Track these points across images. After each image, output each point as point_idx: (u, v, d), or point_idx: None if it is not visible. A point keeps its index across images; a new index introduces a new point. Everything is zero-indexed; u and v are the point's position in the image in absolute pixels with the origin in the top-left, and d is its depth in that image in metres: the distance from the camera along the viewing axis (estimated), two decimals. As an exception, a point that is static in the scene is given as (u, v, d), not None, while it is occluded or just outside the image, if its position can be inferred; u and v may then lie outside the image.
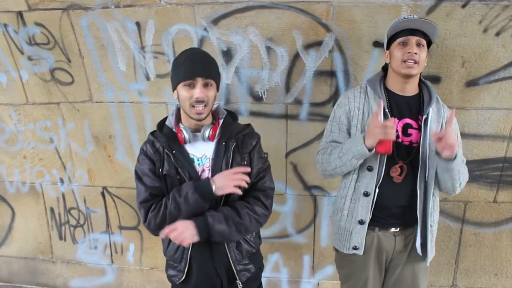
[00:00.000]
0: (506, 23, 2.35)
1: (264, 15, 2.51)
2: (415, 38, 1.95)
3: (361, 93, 2.11)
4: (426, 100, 2.04)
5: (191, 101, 1.75)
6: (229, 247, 1.88)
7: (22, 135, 3.16)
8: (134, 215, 3.17)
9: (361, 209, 2.07)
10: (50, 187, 3.27)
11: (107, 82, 2.85)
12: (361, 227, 2.09)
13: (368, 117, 2.04)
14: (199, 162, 1.85)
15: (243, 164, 1.85)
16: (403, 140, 2.04)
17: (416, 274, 2.15)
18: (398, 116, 2.04)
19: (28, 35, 2.80)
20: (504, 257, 2.85)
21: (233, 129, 1.90)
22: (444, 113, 2.07)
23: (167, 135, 1.87)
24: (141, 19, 2.64)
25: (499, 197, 2.72)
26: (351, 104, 2.10)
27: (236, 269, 1.91)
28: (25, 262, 3.53)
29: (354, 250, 2.13)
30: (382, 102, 1.96)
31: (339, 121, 2.12)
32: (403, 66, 1.95)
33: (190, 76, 1.74)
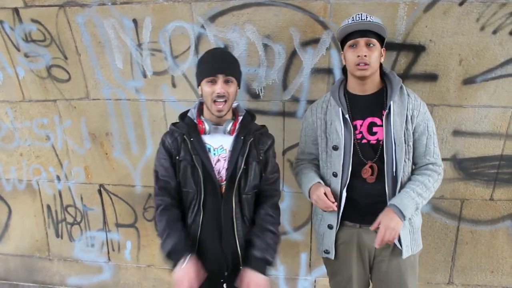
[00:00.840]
0: (503, 21, 2.35)
1: (261, 12, 2.51)
2: (364, 40, 1.96)
3: (324, 103, 2.18)
4: (388, 94, 2.04)
5: (213, 96, 1.91)
6: (238, 233, 2.00)
7: (18, 133, 3.15)
8: (131, 213, 3.17)
9: (329, 214, 2.13)
10: (46, 185, 3.27)
11: (104, 79, 2.84)
12: (330, 232, 2.14)
13: (331, 125, 2.09)
14: (215, 152, 2.01)
15: (259, 159, 2.04)
16: (369, 140, 2.04)
17: (403, 269, 2.11)
18: (361, 117, 2.06)
19: (24, 32, 2.79)
20: (500, 255, 2.85)
21: (251, 126, 2.07)
22: (410, 104, 2.02)
23: (188, 124, 2.03)
24: (138, 16, 2.63)
25: (495, 195, 2.73)
26: (314, 116, 2.19)
27: (241, 255, 2.01)
28: (22, 259, 3.52)
29: (325, 254, 2.18)
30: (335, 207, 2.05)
31: (305, 133, 2.26)
32: (356, 69, 1.98)
33: (212, 73, 1.91)
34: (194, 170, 1.97)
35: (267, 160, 2.08)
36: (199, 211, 1.99)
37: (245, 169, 2.00)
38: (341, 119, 2.04)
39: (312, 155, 2.27)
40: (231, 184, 1.97)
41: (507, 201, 2.73)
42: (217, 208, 1.98)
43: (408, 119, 2.02)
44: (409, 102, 2.03)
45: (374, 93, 2.08)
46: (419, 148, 2.07)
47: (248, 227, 2.05)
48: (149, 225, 3.16)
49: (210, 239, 2.00)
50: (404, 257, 2.06)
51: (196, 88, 2.06)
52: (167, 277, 3.22)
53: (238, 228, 2.00)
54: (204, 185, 1.96)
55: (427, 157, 2.07)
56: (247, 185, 2.01)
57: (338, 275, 2.25)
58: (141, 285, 3.36)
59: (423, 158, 2.08)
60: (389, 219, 1.95)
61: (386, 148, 2.01)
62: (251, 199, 2.06)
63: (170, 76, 2.75)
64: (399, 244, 2.05)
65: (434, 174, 2.05)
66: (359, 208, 2.07)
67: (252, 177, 2.02)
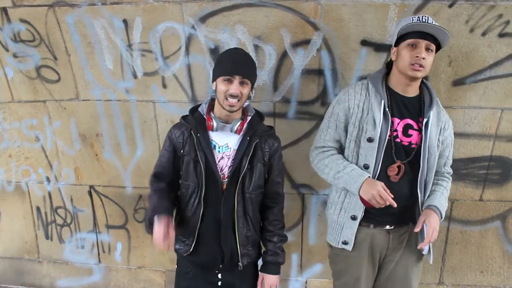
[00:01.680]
0: (492, 23, 2.37)
1: (252, 13, 2.51)
2: (425, 42, 1.95)
3: (362, 90, 2.10)
4: (427, 102, 2.06)
5: (226, 94, 1.95)
6: (239, 230, 2.06)
7: (7, 134, 3.12)
8: (121, 214, 3.15)
9: (354, 205, 2.10)
10: (36, 186, 3.24)
11: (94, 80, 2.82)
12: (353, 223, 2.11)
13: (368, 115, 2.04)
14: (220, 149, 2.05)
15: (264, 160, 2.09)
16: (402, 140, 2.05)
17: (409, 272, 2.17)
18: (399, 116, 2.05)
19: (13, 32, 2.76)
20: (489, 255, 2.87)
21: (259, 127, 2.10)
22: (443, 117, 2.11)
23: (197, 119, 2.07)
24: (128, 17, 2.62)
25: (485, 196, 2.75)
26: (351, 101, 2.09)
27: (241, 252, 2.08)
28: (11, 262, 3.49)
29: (343, 244, 2.14)
30: None
31: (337, 118, 2.13)
32: (410, 68, 1.96)
33: (230, 73, 1.95)
34: (197, 165, 2.03)
35: (272, 163, 2.13)
36: (199, 205, 2.04)
37: (250, 169, 2.05)
38: (382, 111, 2.01)
39: (339, 143, 2.17)
40: (234, 182, 2.02)
41: (497, 201, 2.76)
42: (217, 204, 2.03)
43: (441, 132, 2.09)
44: (443, 115, 2.11)
45: (414, 97, 2.09)
46: (442, 158, 2.16)
47: (252, 226, 2.11)
48: (139, 227, 3.14)
49: (209, 233, 2.06)
50: (431, 262, 2.16)
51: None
52: (158, 278, 3.22)
53: (239, 225, 2.06)
54: (206, 180, 2.01)
55: (446, 167, 2.21)
56: (252, 184, 2.06)
57: (345, 275, 2.23)
58: (132, 287, 3.34)
59: (443, 167, 2.20)
60: (433, 219, 1.99)
61: (423, 154, 2.03)
62: (255, 198, 2.11)
63: (160, 76, 2.73)
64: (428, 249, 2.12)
65: (450, 182, 2.22)
66: (379, 209, 2.02)
67: (256, 178, 2.07)
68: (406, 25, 1.96)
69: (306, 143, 2.72)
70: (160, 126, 2.84)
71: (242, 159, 2.02)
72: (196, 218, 2.05)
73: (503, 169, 2.69)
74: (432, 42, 1.96)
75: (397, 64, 2.04)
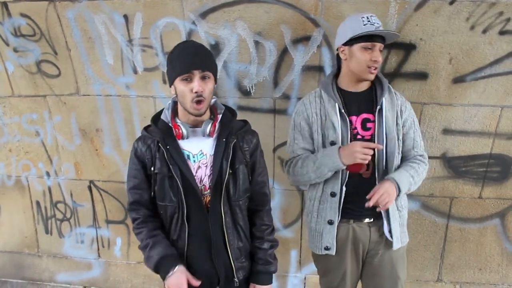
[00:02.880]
0: (493, 21, 2.36)
1: (252, 9, 2.50)
2: (379, 45, 2.00)
3: (316, 98, 2.15)
4: (379, 91, 2.09)
5: (192, 96, 1.69)
6: (230, 244, 1.87)
7: (7, 128, 3.13)
8: (121, 209, 3.16)
9: (329, 210, 2.12)
10: (36, 181, 3.24)
11: (94, 75, 2.82)
12: (331, 227, 2.13)
13: (326, 120, 2.07)
14: (195, 158, 1.82)
15: (246, 161, 1.87)
16: (363, 135, 2.07)
17: (394, 261, 2.18)
18: (356, 113, 2.08)
19: (13, 26, 2.76)
20: (488, 252, 2.88)
21: (233, 125, 1.87)
22: (398, 101, 2.12)
23: (162, 129, 1.82)
24: (128, 12, 2.62)
25: (484, 193, 2.75)
26: (308, 110, 2.14)
27: (235, 267, 1.90)
28: (11, 256, 3.50)
29: (326, 250, 2.16)
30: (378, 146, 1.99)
31: (300, 128, 2.16)
32: (367, 71, 2.00)
33: (187, 69, 1.69)
34: (173, 181, 1.79)
35: (254, 161, 1.92)
36: (183, 226, 1.82)
37: (232, 174, 1.83)
38: (338, 113, 2.05)
39: (308, 152, 2.16)
40: (217, 192, 1.81)
41: (496, 199, 2.76)
42: (203, 220, 1.82)
43: (398, 115, 2.09)
44: (397, 99, 2.12)
45: (365, 90, 2.12)
46: (407, 141, 2.14)
47: (244, 235, 1.93)
48: (139, 222, 3.14)
49: (199, 254, 1.87)
50: (395, 248, 2.12)
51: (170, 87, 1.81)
52: (157, 274, 3.22)
53: (229, 238, 1.86)
54: (186, 197, 1.79)
55: (415, 150, 2.16)
56: (237, 190, 1.85)
57: (331, 273, 2.24)
58: (131, 282, 3.35)
59: (411, 150, 2.16)
60: (386, 184, 1.98)
61: (377, 140, 2.04)
62: (243, 205, 1.90)
63: (161, 72, 2.73)
64: (390, 236, 2.10)
65: (422, 163, 2.14)
66: (355, 204, 2.09)
67: (241, 182, 1.85)
68: (360, 27, 1.96)
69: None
70: (160, 121, 2.84)
71: (222, 164, 1.79)
72: (182, 241, 1.85)
73: (502, 167, 2.68)
74: (383, 43, 2.02)
75: (349, 64, 2.06)
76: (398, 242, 2.13)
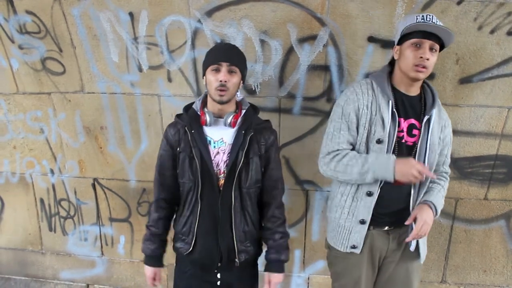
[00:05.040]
0: (501, 21, 2.35)
1: (258, 8, 2.49)
2: (429, 42, 1.89)
3: (369, 90, 2.03)
4: (429, 101, 2.02)
5: (216, 85, 1.90)
6: (236, 227, 2.03)
7: (12, 125, 3.13)
8: (125, 207, 3.16)
9: (363, 209, 2.05)
10: (40, 178, 3.24)
11: (99, 73, 2.81)
12: (362, 227, 2.08)
13: (376, 115, 1.98)
14: (215, 144, 2.01)
15: (260, 153, 2.04)
16: (407, 141, 2.02)
17: (410, 272, 2.14)
18: (404, 116, 2.01)
19: (19, 24, 2.76)
20: (493, 254, 2.87)
21: (253, 120, 2.06)
22: (444, 115, 2.10)
23: (191, 116, 2.03)
24: (134, 10, 2.61)
25: (489, 195, 2.74)
26: (360, 101, 2.01)
27: (238, 249, 2.05)
28: (14, 253, 3.51)
29: (352, 249, 2.11)
30: None
31: (349, 119, 2.03)
32: (413, 69, 1.91)
33: (216, 60, 1.92)
34: (192, 162, 1.99)
35: (269, 156, 2.08)
36: (196, 202, 2.02)
37: (246, 163, 2.00)
38: (390, 112, 1.97)
39: (352, 146, 2.06)
40: (231, 177, 1.99)
41: (501, 200, 2.74)
42: (214, 200, 2.00)
43: (442, 129, 2.08)
44: (443, 114, 2.10)
45: (416, 96, 2.05)
46: (440, 157, 2.14)
47: (251, 221, 2.09)
48: (143, 220, 3.14)
49: (207, 231, 2.04)
50: (422, 261, 2.13)
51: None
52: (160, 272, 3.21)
53: (236, 221, 2.03)
54: (202, 177, 1.98)
55: (444, 166, 2.19)
56: (248, 179, 2.02)
57: (345, 277, 2.20)
58: (134, 280, 3.35)
59: (441, 166, 2.17)
60: (426, 213, 1.97)
61: (419, 152, 2.00)
62: (253, 193, 2.07)
63: (166, 70, 2.73)
64: (417, 251, 2.10)
65: (447, 182, 2.20)
66: (383, 208, 2.04)
67: (253, 172, 2.03)
68: (410, 24, 1.90)
69: (311, 139, 2.71)
70: (165, 120, 2.83)
71: (238, 153, 1.97)
72: (194, 215, 2.04)
73: (508, 168, 2.67)
74: (436, 42, 1.91)
75: (399, 63, 1.99)
76: (424, 255, 2.15)
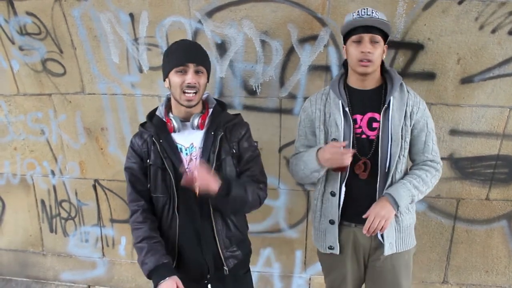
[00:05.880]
0: (502, 21, 2.34)
1: (259, 8, 2.49)
2: (369, 36, 1.91)
3: (323, 95, 2.13)
4: (388, 90, 2.02)
5: (183, 86, 1.79)
6: (218, 234, 1.92)
7: (12, 127, 3.13)
8: (125, 208, 3.15)
9: (330, 209, 2.10)
10: (41, 179, 3.24)
11: (100, 74, 2.81)
12: (332, 227, 2.11)
13: (330, 117, 2.05)
14: (187, 151, 1.90)
15: (232, 152, 1.92)
16: (369, 135, 2.02)
17: (396, 269, 2.11)
18: (361, 112, 2.03)
19: (19, 25, 2.76)
20: (495, 254, 2.86)
21: (222, 118, 1.94)
22: (410, 101, 2.02)
23: (156, 124, 1.92)
24: (134, 10, 2.61)
25: (491, 195, 2.73)
26: (313, 106, 2.13)
27: (224, 256, 1.95)
28: (15, 254, 3.51)
29: (330, 249, 2.15)
30: (344, 143, 1.94)
31: (304, 125, 2.17)
32: (358, 64, 1.94)
33: (183, 62, 1.80)
34: (165, 173, 1.87)
35: (241, 151, 1.96)
36: (174, 216, 1.90)
37: (219, 165, 1.88)
38: (341, 112, 2.01)
39: None
40: None
41: (503, 201, 2.73)
42: (192, 211, 1.90)
43: (407, 115, 2.01)
44: (409, 99, 2.02)
45: (374, 88, 2.05)
46: (417, 145, 2.06)
47: (233, 226, 1.98)
48: (144, 221, 3.14)
49: (189, 243, 1.93)
50: (385, 254, 2.05)
51: (163, 81, 1.92)
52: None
53: (218, 228, 1.92)
54: (177, 189, 1.85)
55: (426, 154, 2.06)
56: None
57: (333, 273, 2.25)
58: (135, 281, 3.35)
59: (421, 155, 2.07)
60: (380, 206, 1.94)
61: (382, 143, 1.99)
62: None
63: (166, 71, 2.72)
64: (382, 239, 2.05)
65: (432, 170, 2.05)
66: (354, 206, 2.06)
67: (227, 174, 1.90)
68: (347, 22, 1.95)
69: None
70: (165, 120, 2.83)
71: (209, 157, 1.86)
72: (173, 231, 1.91)
73: (510, 168, 2.66)
74: (378, 34, 1.92)
75: (348, 62, 2.04)
76: (392, 248, 2.05)
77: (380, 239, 2.06)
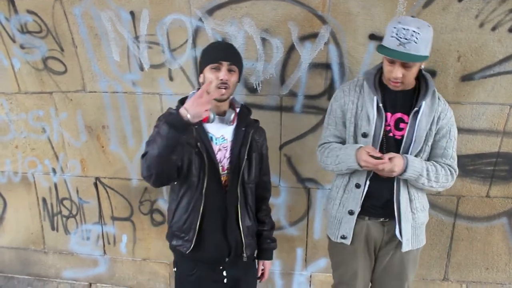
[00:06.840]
0: (502, 18, 2.34)
1: (259, 6, 2.49)
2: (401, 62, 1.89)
3: (357, 87, 2.13)
4: (421, 93, 2.03)
5: (217, 83, 1.90)
6: (243, 222, 2.06)
7: (14, 125, 3.13)
8: (127, 206, 3.16)
9: (351, 200, 2.13)
10: (42, 178, 3.25)
11: (101, 72, 2.82)
12: (350, 218, 2.14)
13: (362, 111, 2.07)
14: (217, 141, 2.01)
15: (260, 152, 2.12)
16: (395, 134, 2.05)
17: (405, 262, 2.18)
18: (391, 111, 2.06)
19: (20, 23, 2.76)
20: (495, 251, 2.86)
21: (249, 119, 2.10)
22: (439, 107, 2.05)
23: None
24: (135, 9, 2.61)
25: (491, 192, 2.73)
26: (346, 97, 2.13)
27: (245, 243, 2.07)
28: (17, 252, 3.51)
29: (342, 239, 2.18)
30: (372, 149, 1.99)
31: (335, 115, 2.17)
32: (389, 82, 1.99)
33: (217, 59, 1.92)
34: (198, 156, 1.94)
35: (262, 153, 2.15)
36: (200, 199, 1.96)
37: (248, 160, 2.04)
38: (375, 107, 2.02)
39: (340, 139, 2.20)
40: (235, 174, 2.01)
41: (503, 198, 2.74)
42: (220, 197, 2.00)
43: (434, 121, 2.04)
44: (439, 105, 2.06)
45: (408, 90, 2.06)
46: (436, 149, 2.10)
47: (252, 216, 2.13)
48: (145, 219, 3.15)
49: (212, 227, 2.01)
50: (403, 250, 2.11)
51: (197, 76, 2.04)
52: (163, 271, 3.23)
53: (243, 217, 2.05)
54: (209, 172, 1.95)
55: (443, 159, 2.11)
56: (250, 175, 2.06)
57: (342, 266, 2.27)
58: (137, 279, 3.36)
59: (439, 159, 2.11)
60: (394, 156, 1.95)
61: (405, 145, 2.03)
62: (253, 188, 2.12)
63: (167, 69, 2.73)
64: (400, 236, 2.09)
65: (446, 169, 2.10)
66: (372, 201, 2.11)
67: (254, 168, 2.07)
68: (387, 38, 1.88)
69: (312, 137, 2.71)
70: (166, 118, 2.83)
71: (240, 150, 2.01)
72: (195, 211, 1.97)
73: (510, 166, 2.66)
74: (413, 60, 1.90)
75: None
76: (408, 244, 2.12)
77: (398, 236, 2.10)
